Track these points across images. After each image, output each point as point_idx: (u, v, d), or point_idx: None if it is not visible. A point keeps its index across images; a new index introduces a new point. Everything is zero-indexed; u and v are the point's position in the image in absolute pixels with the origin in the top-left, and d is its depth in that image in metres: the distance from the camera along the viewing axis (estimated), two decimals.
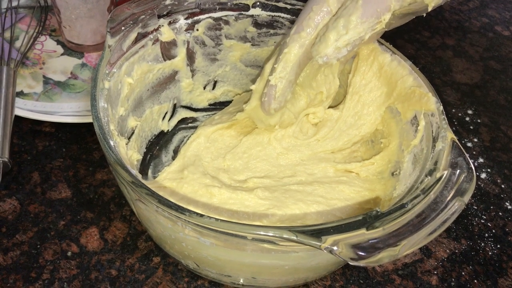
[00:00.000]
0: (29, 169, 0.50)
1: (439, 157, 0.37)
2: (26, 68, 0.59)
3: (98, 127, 0.37)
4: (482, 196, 0.53)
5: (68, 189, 0.48)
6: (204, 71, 0.54)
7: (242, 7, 0.51)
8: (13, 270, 0.42)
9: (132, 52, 0.45)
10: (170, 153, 0.51)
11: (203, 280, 0.43)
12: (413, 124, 0.44)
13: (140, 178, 0.39)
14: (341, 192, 0.46)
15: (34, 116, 0.53)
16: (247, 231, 0.31)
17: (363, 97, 0.50)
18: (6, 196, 0.47)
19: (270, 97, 0.43)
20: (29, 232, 0.45)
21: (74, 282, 0.42)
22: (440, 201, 0.34)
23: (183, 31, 0.50)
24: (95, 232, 0.45)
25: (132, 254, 0.44)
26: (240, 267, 0.38)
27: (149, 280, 0.42)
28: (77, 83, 0.58)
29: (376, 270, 0.45)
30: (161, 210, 0.33)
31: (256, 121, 0.48)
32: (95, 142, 0.53)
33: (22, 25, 0.64)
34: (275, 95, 0.42)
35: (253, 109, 0.46)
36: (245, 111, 0.47)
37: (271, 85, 0.43)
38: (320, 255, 0.36)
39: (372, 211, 0.33)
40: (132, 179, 0.34)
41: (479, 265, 0.47)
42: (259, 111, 0.46)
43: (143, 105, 0.49)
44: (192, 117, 0.56)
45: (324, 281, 0.44)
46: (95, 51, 0.63)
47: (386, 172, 0.47)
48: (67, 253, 0.44)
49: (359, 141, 0.51)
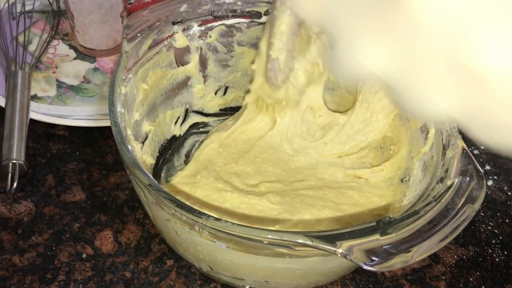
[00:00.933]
0: (43, 172, 0.50)
1: (449, 165, 0.38)
2: (39, 72, 0.60)
3: (116, 132, 0.38)
4: (489, 203, 0.54)
5: (82, 192, 0.49)
6: (216, 77, 0.55)
7: (254, 14, 0.52)
8: (30, 271, 0.43)
9: (147, 58, 0.46)
10: (182, 157, 0.52)
11: (216, 283, 0.44)
12: (423, 132, 0.44)
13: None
14: (351, 197, 0.47)
15: (48, 119, 0.54)
16: (263, 236, 0.32)
17: (372, 105, 0.50)
18: (21, 198, 0.48)
19: (275, 71, 0.43)
20: (44, 234, 0.46)
21: (89, 284, 0.43)
22: (451, 208, 0.35)
23: (196, 38, 0.51)
24: (109, 234, 0.46)
25: (146, 257, 0.45)
26: (254, 270, 0.38)
27: (163, 283, 0.43)
28: (90, 87, 0.59)
29: (385, 275, 0.46)
30: (178, 213, 0.34)
31: (264, 97, 0.48)
32: (108, 146, 0.54)
33: (35, 30, 0.65)
34: (279, 67, 0.43)
35: (259, 86, 0.47)
36: (252, 90, 0.48)
37: (273, 59, 0.43)
38: (333, 260, 0.37)
39: (385, 217, 0.34)
40: (150, 182, 0.35)
41: (487, 271, 0.48)
42: (265, 87, 0.46)
43: (156, 110, 0.50)
44: (204, 122, 0.56)
45: (334, 285, 0.45)
46: (107, 56, 0.64)
47: (395, 179, 0.47)
48: (82, 255, 0.44)
49: (366, 147, 0.51)
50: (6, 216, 0.46)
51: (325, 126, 0.53)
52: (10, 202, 0.47)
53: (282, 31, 0.42)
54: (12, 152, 0.48)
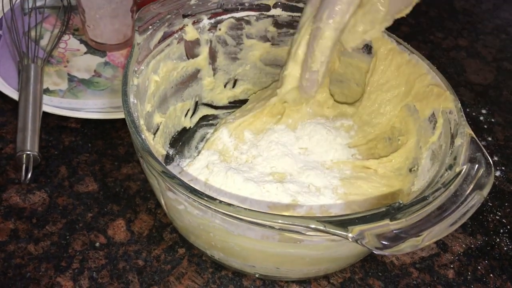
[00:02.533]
0: (56, 163, 0.51)
1: (458, 153, 0.38)
2: (51, 66, 0.61)
3: (130, 121, 0.38)
4: (497, 193, 0.54)
5: (94, 183, 0.50)
6: (225, 69, 0.56)
7: (263, 7, 0.53)
8: (45, 259, 0.44)
9: (159, 50, 0.47)
10: (193, 149, 0.53)
11: (227, 271, 0.44)
12: (431, 122, 0.45)
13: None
14: (360, 187, 0.48)
15: (60, 112, 0.54)
16: (276, 221, 0.33)
17: (380, 96, 0.51)
18: (35, 189, 0.49)
19: (313, 82, 0.45)
20: (58, 223, 0.46)
21: (102, 271, 0.43)
22: (460, 194, 0.35)
23: (206, 31, 0.51)
24: (122, 224, 0.47)
25: (158, 246, 0.45)
26: (265, 256, 0.39)
27: (175, 271, 0.44)
28: (100, 81, 0.60)
29: (394, 264, 0.47)
30: (191, 199, 0.34)
31: (290, 102, 0.49)
32: (120, 138, 0.54)
33: (47, 25, 0.66)
34: (318, 79, 0.44)
35: (289, 92, 0.48)
36: (278, 95, 0.48)
37: (314, 71, 0.44)
38: (343, 245, 0.37)
39: (395, 203, 0.34)
40: (164, 169, 0.35)
41: (495, 260, 0.48)
42: (294, 93, 0.47)
43: (167, 102, 0.50)
44: (213, 115, 0.57)
45: (343, 273, 0.45)
46: (117, 50, 0.65)
47: (404, 169, 0.48)
48: (95, 244, 0.45)
49: (374, 138, 0.52)
50: (20, 206, 0.47)
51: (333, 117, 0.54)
52: (24, 193, 0.48)
53: (326, 45, 0.43)
54: (26, 143, 0.49)
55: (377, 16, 0.42)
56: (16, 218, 0.46)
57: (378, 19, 0.43)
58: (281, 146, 0.50)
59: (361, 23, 0.43)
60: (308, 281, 0.44)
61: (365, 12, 0.42)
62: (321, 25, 0.43)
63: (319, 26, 0.43)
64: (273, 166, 0.48)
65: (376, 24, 0.43)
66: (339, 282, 0.45)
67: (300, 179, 0.47)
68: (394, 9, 0.42)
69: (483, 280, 0.46)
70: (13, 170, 0.50)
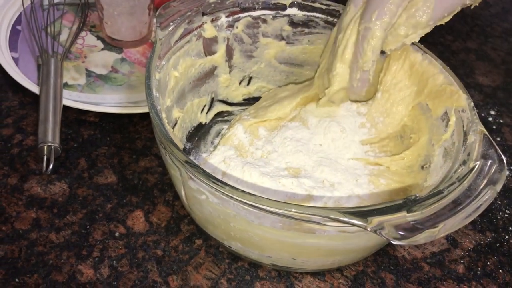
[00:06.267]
0: (76, 156, 0.52)
1: (471, 149, 0.40)
2: (69, 61, 0.62)
3: (154, 113, 0.39)
4: (505, 192, 0.56)
5: (113, 175, 0.51)
6: (241, 67, 0.57)
7: (280, 6, 0.54)
8: (66, 248, 0.45)
9: (179, 46, 0.48)
10: (208, 144, 0.54)
11: (243, 262, 0.45)
12: (443, 120, 0.46)
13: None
14: (372, 183, 0.49)
15: (79, 106, 0.56)
16: (296, 211, 0.34)
17: (392, 96, 0.52)
18: (55, 180, 0.50)
19: (364, 82, 0.46)
20: (78, 213, 0.48)
21: (122, 260, 0.44)
22: (474, 189, 0.36)
23: (224, 29, 0.53)
24: (141, 215, 0.48)
25: (176, 236, 0.47)
26: (282, 246, 0.40)
27: (193, 261, 0.45)
28: (118, 77, 0.61)
29: (406, 258, 0.48)
30: (214, 189, 0.36)
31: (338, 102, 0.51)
32: (137, 132, 0.56)
33: (65, 21, 0.68)
34: (369, 78, 0.45)
35: (337, 92, 0.49)
36: (327, 95, 0.50)
37: (365, 71, 0.45)
38: (358, 237, 0.38)
39: (411, 196, 0.35)
40: (187, 159, 0.37)
41: (504, 256, 0.49)
42: (342, 93, 0.49)
43: (185, 98, 0.52)
44: (228, 111, 0.58)
45: (356, 266, 0.46)
46: (133, 47, 0.66)
47: (415, 166, 0.49)
48: (115, 234, 0.46)
49: (387, 137, 0.53)
50: (42, 196, 0.48)
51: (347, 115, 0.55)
52: (45, 183, 0.50)
53: (376, 45, 0.44)
54: (48, 135, 0.50)
55: (420, 21, 0.44)
56: (37, 208, 0.47)
57: (421, 24, 0.44)
58: (296, 142, 0.51)
59: (403, 27, 0.44)
60: (322, 273, 0.45)
61: (409, 15, 0.44)
62: (371, 25, 0.44)
63: (368, 27, 0.44)
64: (288, 162, 0.49)
65: (418, 29, 0.44)
66: (352, 275, 0.46)
67: (315, 174, 0.48)
68: (437, 16, 0.44)
69: (492, 276, 0.47)
70: (34, 161, 0.51)
